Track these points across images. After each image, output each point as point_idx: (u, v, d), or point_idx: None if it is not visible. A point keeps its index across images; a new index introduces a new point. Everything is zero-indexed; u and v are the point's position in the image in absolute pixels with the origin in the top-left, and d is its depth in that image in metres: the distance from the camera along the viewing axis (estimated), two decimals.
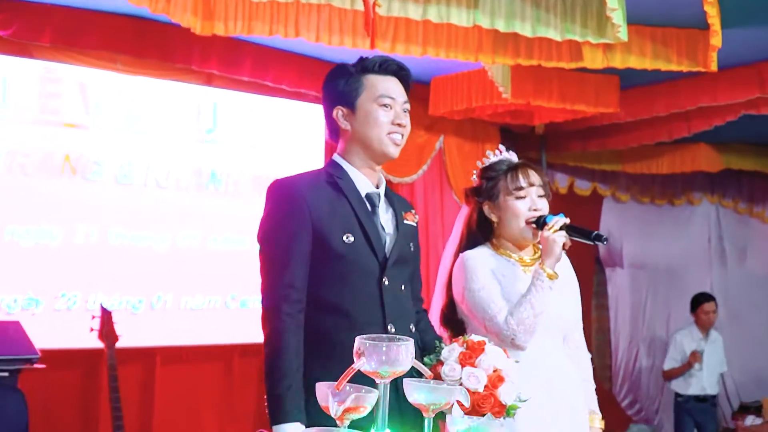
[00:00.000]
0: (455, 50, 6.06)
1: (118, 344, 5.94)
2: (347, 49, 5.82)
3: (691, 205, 11.59)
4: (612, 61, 6.25)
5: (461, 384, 2.85)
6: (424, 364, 2.92)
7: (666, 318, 11.42)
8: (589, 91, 7.48)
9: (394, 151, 3.18)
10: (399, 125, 3.17)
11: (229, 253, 7.12)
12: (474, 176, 3.86)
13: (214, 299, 7.06)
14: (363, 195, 3.16)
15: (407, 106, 3.22)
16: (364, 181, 3.19)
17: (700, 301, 9.09)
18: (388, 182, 8.00)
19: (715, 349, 9.03)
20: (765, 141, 10.31)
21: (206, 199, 7.05)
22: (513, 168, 3.71)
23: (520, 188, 3.65)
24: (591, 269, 11.05)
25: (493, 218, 3.72)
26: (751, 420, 9.88)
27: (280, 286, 2.97)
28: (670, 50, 6.34)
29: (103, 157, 6.51)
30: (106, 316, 5.96)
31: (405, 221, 3.24)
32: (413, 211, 3.35)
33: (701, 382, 8.85)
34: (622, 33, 5.35)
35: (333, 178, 3.14)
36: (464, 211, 3.88)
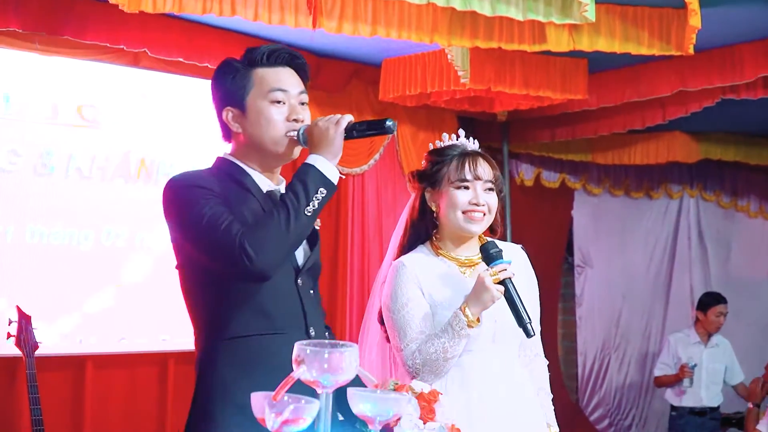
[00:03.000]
0: (408, 30, 6.09)
1: (42, 351, 5.93)
2: (291, 29, 5.88)
3: (669, 198, 11.68)
4: (579, 44, 6.30)
5: None
6: None
7: (643, 324, 11.52)
8: (555, 75, 7.52)
9: (293, 152, 3.16)
10: (296, 121, 3.12)
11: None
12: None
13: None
14: (264, 192, 3.14)
15: (304, 97, 3.19)
16: (263, 179, 3.17)
17: (709, 303, 9.06)
18: None
19: (717, 355, 9.02)
20: (745, 129, 10.43)
21: (136, 191, 7.03)
22: (462, 156, 3.72)
23: (464, 179, 3.66)
24: (558, 268, 11.12)
25: (433, 207, 3.74)
26: None
27: (233, 238, 2.86)
28: (642, 31, 6.40)
29: (19, 147, 6.49)
30: (24, 321, 5.94)
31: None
32: None
33: (698, 392, 8.84)
34: (590, 12, 5.42)
35: (233, 175, 3.14)
36: (412, 198, 3.90)
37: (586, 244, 11.31)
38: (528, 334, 3.47)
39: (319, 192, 2.93)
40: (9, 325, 5.93)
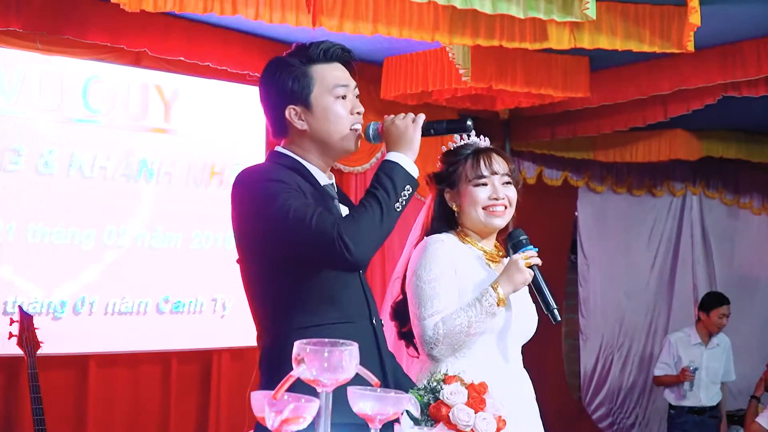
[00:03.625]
0: (409, 28, 6.09)
1: (44, 350, 5.93)
2: (292, 28, 5.88)
3: (672, 196, 11.68)
4: (580, 42, 6.29)
5: (473, 430, 2.91)
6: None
7: (647, 322, 11.54)
8: (557, 73, 7.52)
9: (356, 146, 3.27)
10: (358, 113, 3.24)
11: (164, 252, 7.15)
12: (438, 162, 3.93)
13: (145, 302, 7.07)
14: (323, 186, 3.24)
15: (357, 91, 3.30)
16: (320, 173, 3.26)
17: (712, 304, 8.98)
18: (339, 171, 8.12)
19: (716, 355, 8.97)
20: (746, 127, 10.44)
21: (136, 190, 7.05)
22: (475, 153, 3.78)
23: (481, 176, 3.72)
24: (563, 266, 11.10)
25: (454, 207, 3.79)
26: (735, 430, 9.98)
27: (329, 231, 2.93)
28: (643, 29, 6.39)
29: (21, 146, 6.50)
30: (26, 321, 5.94)
31: None
32: None
33: (697, 394, 8.80)
34: (591, 10, 5.42)
35: (297, 169, 3.20)
36: (429, 200, 3.95)
37: (590, 242, 11.30)
38: (555, 319, 3.55)
39: (405, 189, 3.06)
40: (11, 324, 5.95)
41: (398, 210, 3.03)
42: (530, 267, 3.58)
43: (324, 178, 3.27)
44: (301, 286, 3.09)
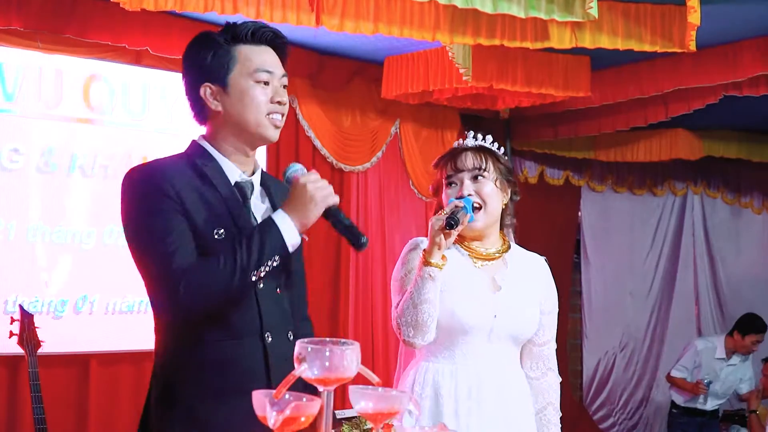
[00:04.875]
0: (410, 28, 6.09)
1: (44, 349, 5.94)
2: (293, 27, 5.88)
3: (673, 195, 11.68)
4: (581, 41, 6.29)
5: None
6: None
7: (650, 323, 11.57)
8: (558, 73, 7.52)
9: (274, 134, 3.08)
10: (279, 103, 3.06)
11: None
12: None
13: (146, 301, 7.06)
14: (232, 184, 3.06)
15: (285, 80, 3.12)
16: (234, 168, 3.08)
17: (750, 329, 8.92)
18: (339, 170, 8.09)
19: (734, 370, 8.98)
20: (747, 126, 10.44)
21: None
22: (445, 156, 3.76)
23: (448, 177, 3.69)
24: (567, 266, 11.08)
25: None
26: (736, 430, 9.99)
27: (172, 273, 2.84)
28: (644, 29, 6.39)
29: (23, 145, 6.51)
30: (26, 320, 5.94)
31: None
32: None
33: (704, 402, 8.86)
34: (593, 9, 5.43)
35: (198, 164, 3.02)
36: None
37: (594, 241, 11.30)
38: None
39: (273, 260, 2.87)
40: (11, 323, 5.94)
41: (254, 279, 2.84)
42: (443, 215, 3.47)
43: (239, 174, 3.07)
44: None
